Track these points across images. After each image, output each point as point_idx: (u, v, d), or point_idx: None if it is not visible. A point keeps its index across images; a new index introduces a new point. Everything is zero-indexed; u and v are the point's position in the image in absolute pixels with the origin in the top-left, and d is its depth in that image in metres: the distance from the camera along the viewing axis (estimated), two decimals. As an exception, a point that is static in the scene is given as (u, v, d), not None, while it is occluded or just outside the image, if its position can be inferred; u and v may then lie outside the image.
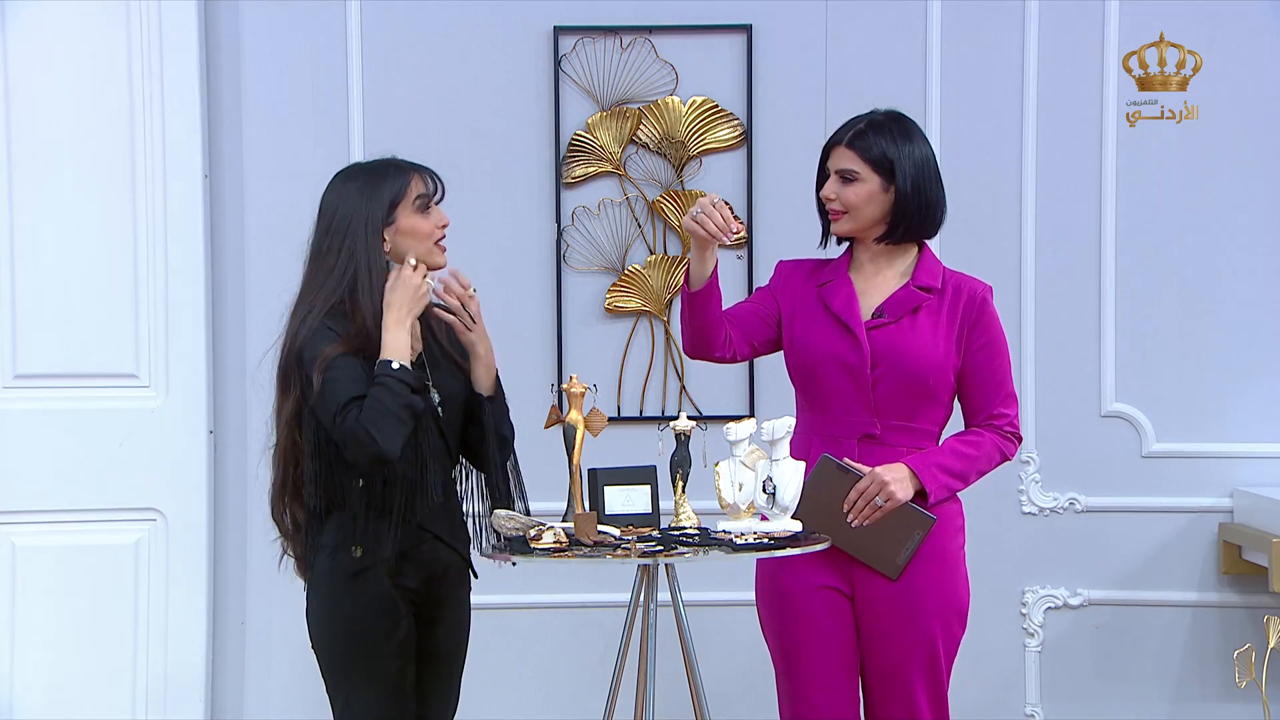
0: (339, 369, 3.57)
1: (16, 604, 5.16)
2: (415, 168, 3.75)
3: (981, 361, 3.89)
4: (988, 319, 3.91)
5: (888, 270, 3.94)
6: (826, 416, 3.88)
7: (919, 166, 3.88)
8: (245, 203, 5.30)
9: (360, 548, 3.62)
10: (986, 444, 3.89)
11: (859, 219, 3.89)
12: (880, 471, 3.78)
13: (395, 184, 3.70)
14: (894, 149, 3.86)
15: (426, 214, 3.72)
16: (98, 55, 5.17)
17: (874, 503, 3.77)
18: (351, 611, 3.63)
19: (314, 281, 3.70)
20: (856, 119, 3.92)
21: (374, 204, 3.67)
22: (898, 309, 3.88)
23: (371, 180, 3.70)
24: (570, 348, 5.34)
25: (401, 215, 3.69)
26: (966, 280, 3.94)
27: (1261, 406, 5.34)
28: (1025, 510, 5.37)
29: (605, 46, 5.32)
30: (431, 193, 3.74)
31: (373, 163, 3.78)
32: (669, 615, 3.75)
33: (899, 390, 3.85)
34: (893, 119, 3.92)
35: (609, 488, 3.78)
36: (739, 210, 5.32)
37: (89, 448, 5.19)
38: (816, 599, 3.86)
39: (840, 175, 3.89)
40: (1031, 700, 5.40)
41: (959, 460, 3.85)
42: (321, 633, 3.68)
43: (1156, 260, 5.35)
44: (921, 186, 3.87)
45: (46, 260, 5.17)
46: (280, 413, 3.70)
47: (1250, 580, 5.30)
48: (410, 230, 3.70)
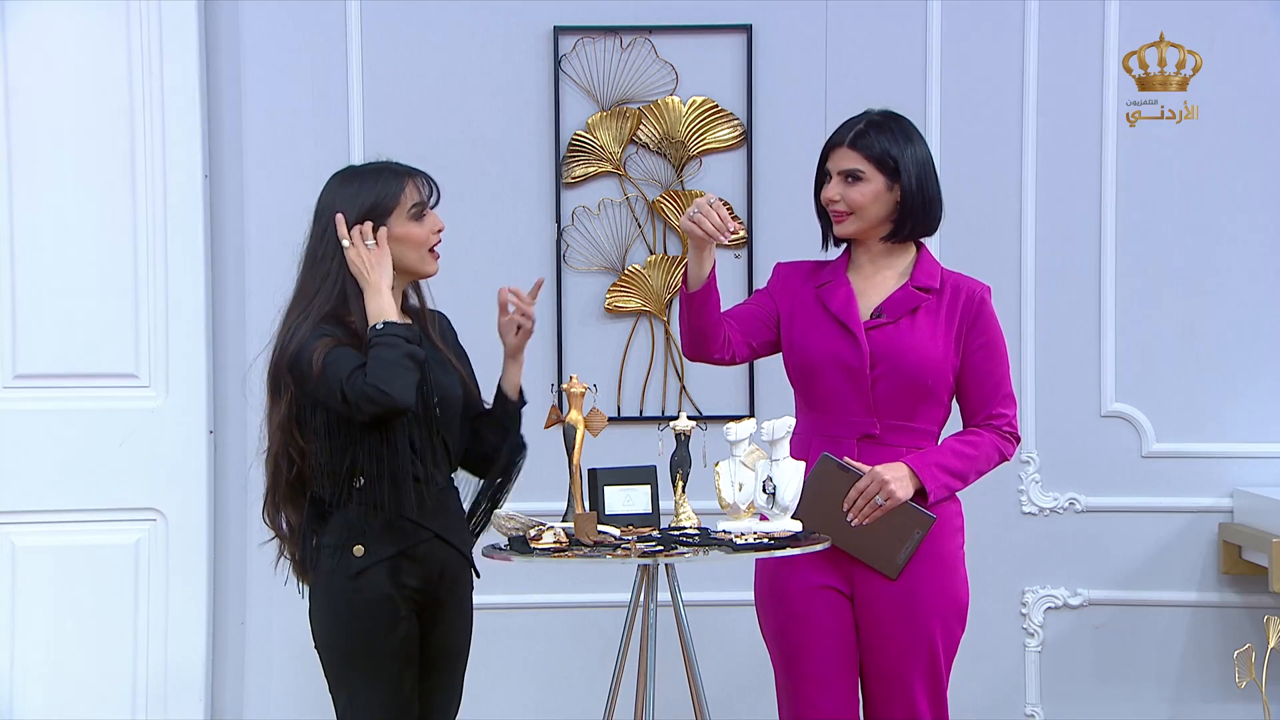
0: (336, 351, 3.58)
1: (16, 604, 5.16)
2: (411, 173, 3.74)
3: (980, 361, 3.90)
4: (986, 319, 3.91)
5: (887, 271, 3.94)
6: (826, 417, 3.88)
7: (921, 164, 3.90)
8: (245, 203, 5.30)
9: (361, 547, 3.63)
10: (986, 444, 3.89)
11: (865, 219, 3.89)
12: (880, 470, 3.78)
13: (390, 190, 3.68)
14: (896, 147, 3.87)
15: (421, 221, 3.71)
16: (98, 55, 5.16)
17: (874, 502, 3.78)
18: (353, 611, 3.63)
19: (308, 288, 3.70)
20: (854, 120, 3.93)
21: (359, 204, 3.66)
22: (896, 309, 3.88)
23: (366, 185, 3.69)
24: (570, 348, 5.35)
25: (395, 223, 3.67)
26: (965, 281, 3.95)
27: (1261, 406, 5.34)
28: (1025, 510, 5.37)
29: (605, 46, 5.32)
30: (426, 198, 3.73)
31: (368, 166, 3.76)
32: (669, 615, 3.75)
33: (898, 390, 3.85)
34: (891, 118, 3.93)
35: (609, 488, 3.78)
36: (739, 210, 5.32)
37: (89, 448, 5.19)
38: (816, 599, 3.86)
39: (844, 176, 3.88)
40: (1031, 700, 5.40)
41: (959, 460, 3.85)
42: (323, 632, 3.68)
43: (1156, 260, 5.35)
44: (924, 184, 3.89)
45: (46, 260, 5.17)
46: (271, 418, 3.70)
47: (1250, 580, 5.30)
48: (404, 237, 3.69)
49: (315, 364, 3.56)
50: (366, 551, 3.63)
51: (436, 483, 3.71)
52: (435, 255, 3.74)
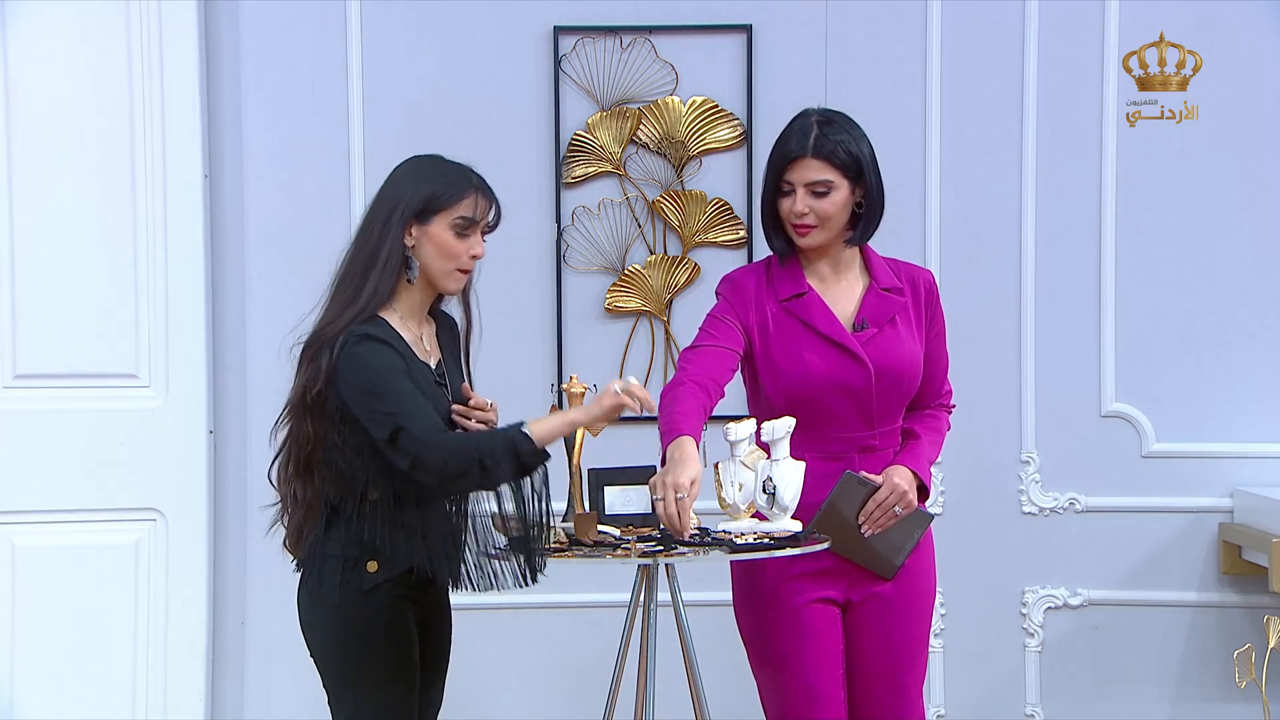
0: (429, 425, 3.46)
1: (16, 604, 5.16)
2: (480, 188, 3.60)
3: (936, 347, 3.90)
4: (936, 304, 3.89)
5: (847, 274, 3.85)
6: (824, 434, 3.80)
7: (873, 161, 3.80)
8: (245, 203, 5.30)
9: (375, 564, 3.53)
10: (944, 425, 3.93)
11: (832, 228, 3.79)
12: (897, 481, 3.76)
13: (449, 189, 3.57)
14: (856, 147, 3.76)
15: (464, 237, 3.57)
16: (98, 55, 5.16)
17: (893, 511, 3.75)
18: (365, 628, 3.53)
19: (359, 261, 3.55)
20: (799, 125, 3.77)
21: (417, 194, 3.55)
22: (879, 318, 3.82)
23: (434, 173, 3.58)
24: (570, 348, 5.34)
25: (437, 223, 3.56)
26: (914, 270, 3.90)
27: (1261, 406, 5.34)
28: (1025, 510, 5.37)
29: (605, 46, 5.32)
30: (480, 219, 3.59)
31: (451, 163, 3.63)
32: (669, 615, 3.75)
33: (894, 399, 3.83)
34: (837, 116, 3.81)
35: (609, 488, 3.78)
36: (739, 210, 5.33)
37: (89, 448, 5.19)
38: (812, 612, 3.80)
39: (812, 189, 3.75)
40: (1031, 700, 5.40)
41: (935, 449, 3.89)
42: (328, 645, 3.57)
43: (1156, 260, 5.35)
44: (879, 181, 3.80)
45: (46, 260, 5.17)
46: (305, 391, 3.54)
47: (1250, 580, 5.30)
48: (439, 242, 3.56)
49: (411, 435, 3.42)
50: (380, 568, 3.53)
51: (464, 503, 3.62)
52: (463, 274, 3.60)
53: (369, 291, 3.52)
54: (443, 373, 3.63)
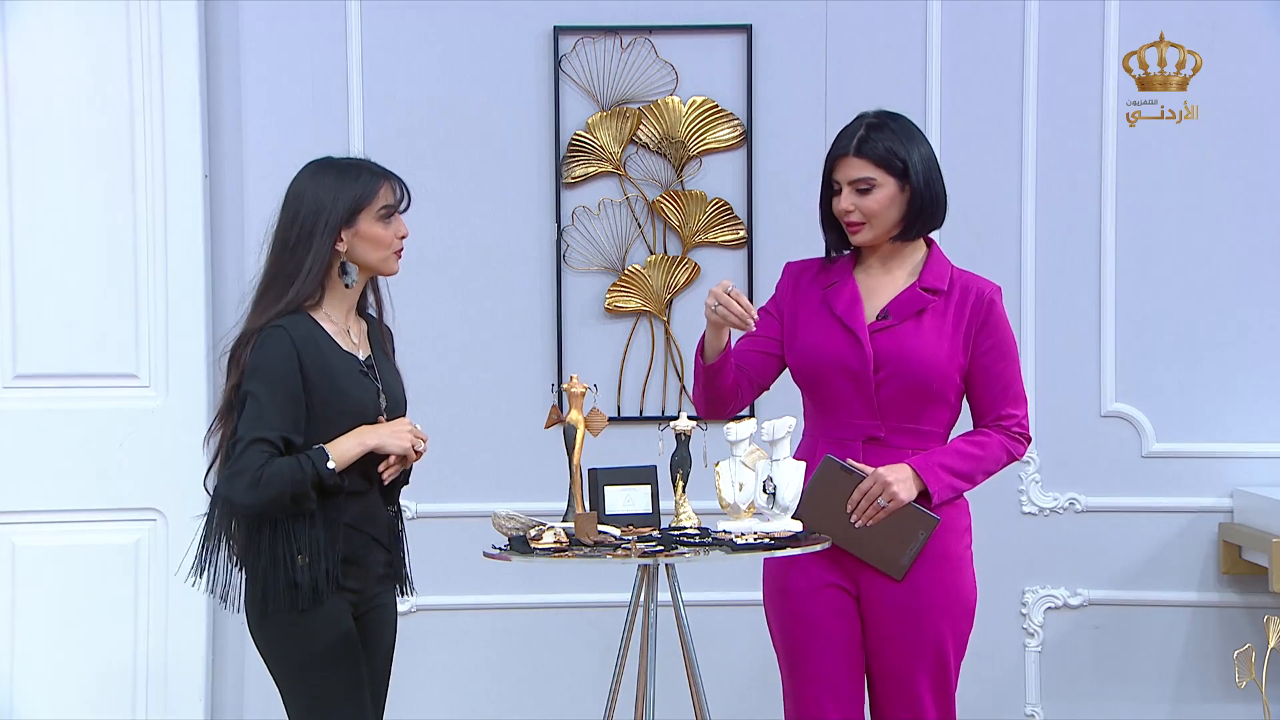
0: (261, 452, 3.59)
1: (16, 604, 5.16)
2: (387, 175, 3.77)
3: (990, 363, 3.88)
4: (996, 319, 3.90)
5: (897, 270, 3.92)
6: (832, 419, 3.88)
7: (926, 161, 3.87)
8: (245, 203, 5.30)
9: (305, 557, 3.61)
10: (993, 445, 3.87)
11: (880, 226, 3.87)
12: (883, 472, 3.77)
13: (364, 188, 3.72)
14: (902, 148, 3.85)
15: (388, 224, 3.74)
16: (98, 55, 5.16)
17: (877, 504, 3.77)
18: (311, 647, 3.65)
19: (281, 275, 3.70)
20: (853, 126, 3.89)
21: (339, 203, 3.70)
22: (902, 311, 3.86)
23: (342, 179, 3.73)
24: (570, 348, 5.34)
25: (363, 220, 3.71)
26: (975, 280, 3.93)
27: (1261, 406, 5.34)
28: (1025, 510, 5.37)
29: (605, 46, 5.32)
30: (398, 202, 3.76)
31: (344, 161, 3.80)
32: (669, 615, 3.75)
33: (903, 393, 3.84)
34: (889, 117, 3.90)
35: (609, 488, 3.77)
36: (739, 210, 5.32)
37: (89, 448, 5.19)
38: (822, 598, 3.85)
39: (855, 186, 3.85)
40: (1031, 700, 5.40)
41: (964, 460, 3.84)
42: (281, 664, 3.71)
43: (1156, 260, 5.35)
44: (931, 180, 3.87)
45: (46, 260, 5.17)
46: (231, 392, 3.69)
47: (1250, 580, 5.30)
48: (370, 237, 3.72)
49: (250, 387, 3.59)
50: (311, 561, 3.62)
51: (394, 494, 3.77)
52: (397, 255, 3.77)
53: (290, 297, 3.67)
54: (371, 365, 3.75)
